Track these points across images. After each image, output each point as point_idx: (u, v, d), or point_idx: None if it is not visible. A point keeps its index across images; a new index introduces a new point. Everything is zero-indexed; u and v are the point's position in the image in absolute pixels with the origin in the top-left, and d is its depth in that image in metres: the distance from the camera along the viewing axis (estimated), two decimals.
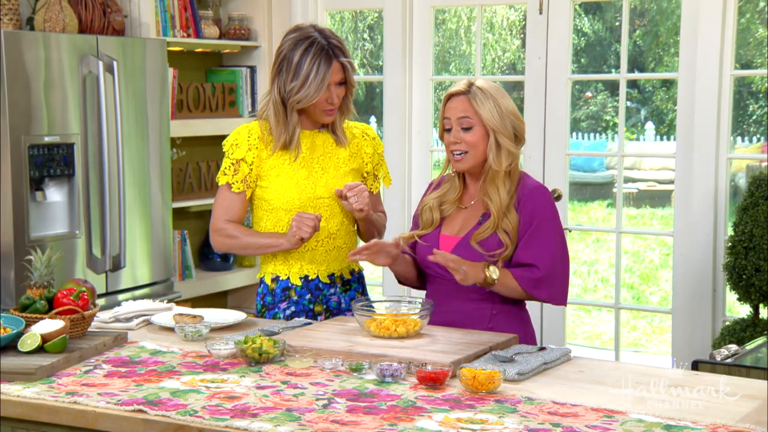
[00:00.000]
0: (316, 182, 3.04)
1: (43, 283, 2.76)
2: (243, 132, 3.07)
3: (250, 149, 3.03)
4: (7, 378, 2.34)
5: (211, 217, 3.14)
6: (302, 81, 2.95)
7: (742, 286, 4.09)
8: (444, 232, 2.91)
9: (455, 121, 2.85)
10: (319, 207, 3.03)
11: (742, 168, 9.82)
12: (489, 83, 2.88)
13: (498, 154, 2.82)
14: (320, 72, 2.95)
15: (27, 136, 4.05)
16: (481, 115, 2.82)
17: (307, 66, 2.94)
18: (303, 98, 2.97)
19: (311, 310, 3.07)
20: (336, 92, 3.00)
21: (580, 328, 7.39)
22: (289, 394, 2.24)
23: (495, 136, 2.82)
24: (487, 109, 2.82)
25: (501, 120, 2.82)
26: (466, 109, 2.83)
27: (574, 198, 12.37)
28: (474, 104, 2.82)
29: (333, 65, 2.96)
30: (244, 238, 3.06)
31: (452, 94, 2.88)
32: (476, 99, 2.83)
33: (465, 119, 2.83)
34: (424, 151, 5.12)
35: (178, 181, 5.17)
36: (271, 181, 3.04)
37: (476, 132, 2.83)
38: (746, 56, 11.63)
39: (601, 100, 15.31)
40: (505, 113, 2.83)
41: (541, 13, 4.72)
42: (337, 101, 3.02)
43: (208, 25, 5.19)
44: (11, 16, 4.34)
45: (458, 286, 2.82)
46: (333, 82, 2.98)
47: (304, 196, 3.02)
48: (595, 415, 2.12)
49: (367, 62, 13.69)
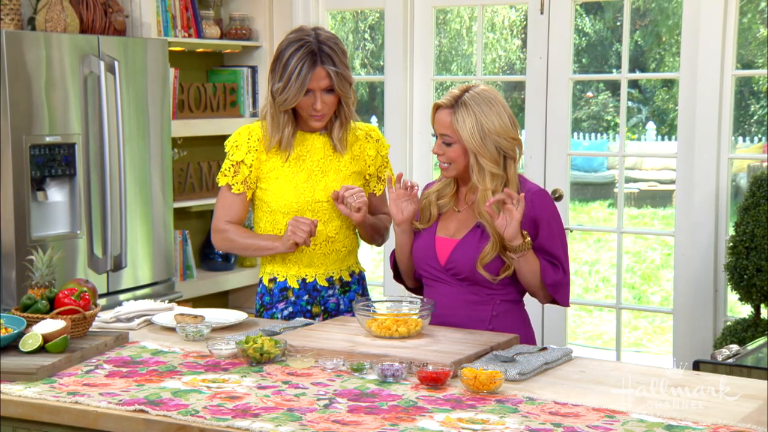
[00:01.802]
0: (315, 186, 3.02)
1: (44, 283, 2.76)
2: (244, 133, 3.06)
3: (249, 151, 3.03)
4: (9, 378, 2.35)
5: (212, 217, 3.15)
6: (285, 82, 2.92)
7: (744, 286, 4.09)
8: (439, 234, 2.88)
9: (439, 134, 2.83)
10: (317, 211, 3.02)
11: (744, 168, 9.82)
12: (483, 93, 2.78)
13: (480, 174, 2.78)
14: (301, 75, 2.90)
15: (28, 136, 4.05)
16: (460, 135, 2.77)
17: (291, 67, 2.91)
18: (284, 100, 2.94)
19: (309, 311, 3.06)
20: (323, 99, 2.95)
21: (581, 328, 7.39)
22: (291, 394, 2.24)
23: (475, 156, 2.77)
24: (467, 130, 2.75)
25: (481, 141, 2.75)
26: (447, 126, 2.79)
27: (575, 198, 12.36)
28: (454, 122, 2.77)
29: (316, 71, 2.91)
30: (242, 240, 3.06)
31: (439, 105, 2.84)
32: (458, 117, 2.76)
33: (446, 136, 2.80)
34: (425, 151, 5.12)
35: (180, 181, 5.17)
36: (270, 183, 3.03)
37: (456, 149, 2.80)
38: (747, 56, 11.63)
39: (602, 100, 15.31)
40: (487, 133, 2.74)
41: (542, 13, 4.72)
42: (324, 108, 2.96)
43: (209, 25, 5.20)
44: (12, 16, 4.34)
45: (456, 288, 2.82)
46: (318, 88, 2.93)
47: (302, 200, 3.01)
48: (596, 415, 2.12)
49: (368, 62, 13.69)
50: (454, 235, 2.86)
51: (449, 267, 2.84)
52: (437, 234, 2.89)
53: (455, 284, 2.84)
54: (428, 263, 2.88)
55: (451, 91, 2.83)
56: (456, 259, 2.82)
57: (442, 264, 2.85)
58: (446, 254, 2.84)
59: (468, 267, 2.81)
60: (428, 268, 2.88)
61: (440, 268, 2.85)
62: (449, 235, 2.87)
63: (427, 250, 2.88)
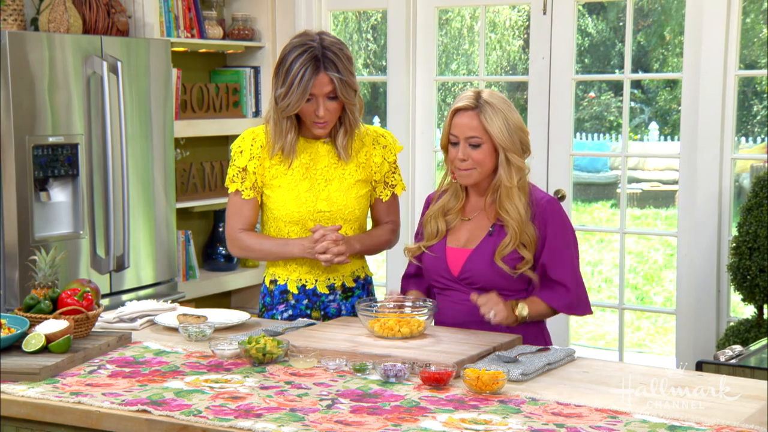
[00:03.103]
0: (317, 195, 2.99)
1: (47, 284, 2.76)
2: (248, 138, 3.03)
3: (252, 158, 2.99)
4: (12, 378, 2.35)
5: (225, 225, 3.10)
6: (287, 87, 2.87)
7: (747, 287, 4.09)
8: (450, 245, 2.86)
9: (463, 139, 2.77)
10: (318, 220, 2.98)
11: (747, 168, 9.82)
12: (495, 95, 2.80)
13: (509, 170, 2.76)
14: (304, 80, 2.85)
15: (31, 137, 4.05)
16: (490, 133, 2.74)
17: (294, 72, 2.86)
18: (286, 106, 2.89)
19: (308, 315, 3.05)
20: (325, 105, 2.89)
21: (583, 328, 7.39)
22: (293, 395, 2.24)
23: (505, 153, 2.76)
24: (496, 126, 2.74)
25: (510, 137, 2.75)
26: (475, 127, 2.75)
27: (578, 198, 12.36)
28: (483, 121, 2.74)
29: (319, 76, 2.86)
30: (258, 252, 3.05)
31: (460, 108, 2.78)
32: (485, 115, 2.74)
33: (474, 138, 2.76)
34: (428, 151, 5.12)
35: (182, 182, 5.17)
36: (273, 190, 3.01)
37: (484, 149, 2.76)
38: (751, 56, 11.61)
39: (604, 100, 15.30)
40: (513, 129, 2.76)
41: (545, 13, 4.71)
42: (327, 115, 2.91)
43: (211, 25, 5.20)
44: (15, 16, 4.35)
45: (467, 296, 2.79)
46: (320, 94, 2.88)
47: (304, 210, 2.98)
48: (599, 415, 2.12)
49: (370, 62, 13.69)
50: (466, 245, 2.83)
51: (463, 277, 2.82)
52: (447, 245, 2.86)
53: (469, 292, 2.80)
54: (440, 274, 2.86)
55: (465, 95, 2.80)
56: (470, 269, 2.80)
57: (455, 275, 2.83)
58: (459, 265, 2.82)
59: (484, 276, 2.78)
60: (440, 279, 2.87)
61: (453, 279, 2.83)
62: (460, 245, 2.84)
63: (437, 261, 2.85)
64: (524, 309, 2.75)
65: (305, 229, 2.99)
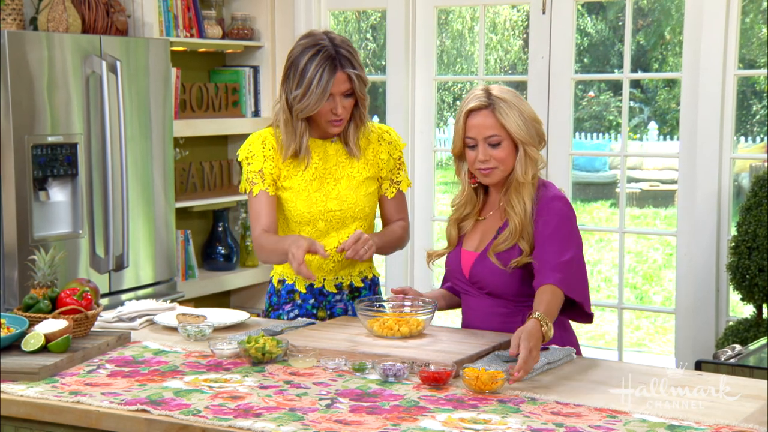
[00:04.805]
0: (327, 194, 2.98)
1: (46, 283, 2.76)
2: (257, 142, 3.00)
3: (266, 159, 2.96)
4: (11, 378, 2.35)
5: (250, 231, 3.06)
6: (305, 89, 2.85)
7: (746, 286, 4.09)
8: (465, 248, 2.83)
9: (482, 139, 2.70)
10: (329, 219, 2.97)
11: (746, 168, 9.82)
12: (505, 89, 2.74)
13: (526, 165, 2.71)
14: (323, 81, 2.84)
15: (30, 136, 4.05)
16: (508, 129, 2.68)
17: (311, 73, 2.84)
18: (305, 107, 2.87)
19: (315, 314, 3.04)
20: (342, 103, 2.89)
21: (583, 328, 7.37)
22: (292, 394, 2.24)
23: (524, 147, 2.70)
24: (513, 122, 2.68)
25: (527, 130, 2.69)
26: (492, 126, 2.69)
27: (577, 198, 12.36)
28: (500, 118, 2.68)
29: (337, 75, 2.85)
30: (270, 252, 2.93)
31: (473, 109, 2.71)
32: (500, 112, 2.68)
33: (493, 137, 2.69)
34: (427, 150, 5.12)
35: (181, 181, 5.17)
36: (283, 192, 2.99)
37: (505, 147, 2.70)
38: (750, 56, 11.62)
39: (604, 99, 15.31)
40: (528, 121, 2.70)
41: (544, 13, 4.71)
42: (344, 113, 2.91)
43: (211, 25, 5.20)
44: (15, 16, 4.35)
45: (485, 301, 2.76)
46: (338, 92, 2.88)
47: (314, 210, 2.97)
48: (598, 415, 2.12)
49: (370, 62, 13.70)
50: (477, 248, 2.80)
51: (474, 280, 2.79)
52: (463, 247, 2.84)
53: (483, 297, 2.78)
54: (456, 277, 2.85)
55: (474, 94, 2.73)
56: (478, 272, 2.77)
57: (467, 277, 2.81)
58: (469, 267, 2.80)
59: (489, 280, 2.75)
60: (457, 282, 2.86)
61: (466, 281, 2.82)
62: (473, 249, 2.81)
63: (454, 264, 2.85)
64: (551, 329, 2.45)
65: (316, 229, 2.98)
